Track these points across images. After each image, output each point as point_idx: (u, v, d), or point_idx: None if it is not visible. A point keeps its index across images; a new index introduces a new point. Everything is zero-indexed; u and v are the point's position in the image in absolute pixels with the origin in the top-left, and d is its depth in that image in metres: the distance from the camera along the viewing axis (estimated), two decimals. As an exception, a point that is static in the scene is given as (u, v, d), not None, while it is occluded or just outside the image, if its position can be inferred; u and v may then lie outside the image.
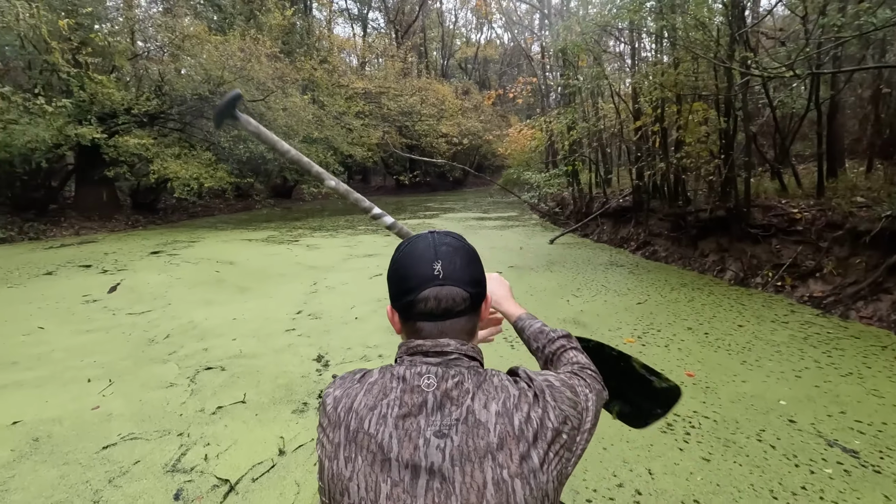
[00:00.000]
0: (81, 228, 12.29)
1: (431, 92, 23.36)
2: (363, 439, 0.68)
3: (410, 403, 0.69)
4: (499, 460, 0.65)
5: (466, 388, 0.70)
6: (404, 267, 0.76)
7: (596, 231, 9.80)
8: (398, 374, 0.72)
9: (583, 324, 4.53)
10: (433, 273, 0.73)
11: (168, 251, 9.11)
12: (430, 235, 0.79)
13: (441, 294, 0.73)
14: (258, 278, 6.67)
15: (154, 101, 12.58)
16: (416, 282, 0.73)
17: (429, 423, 0.68)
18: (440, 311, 0.73)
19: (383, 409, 0.69)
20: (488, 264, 5.53)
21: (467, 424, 0.67)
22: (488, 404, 0.69)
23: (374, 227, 12.95)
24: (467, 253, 0.78)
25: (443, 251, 0.75)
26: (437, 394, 0.69)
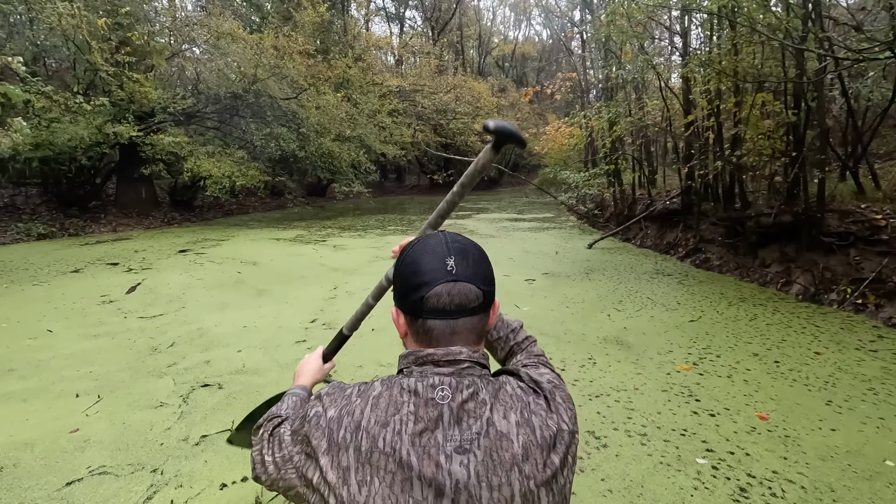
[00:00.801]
0: (119, 225, 12.53)
1: (466, 89, 22.89)
2: (379, 459, 0.64)
3: (426, 418, 0.66)
4: (525, 472, 0.64)
5: (483, 398, 0.68)
6: (416, 262, 0.74)
7: (639, 235, 9.08)
8: (409, 387, 0.69)
9: (627, 344, 3.96)
10: (446, 269, 0.71)
11: (196, 249, 9.04)
12: (440, 234, 0.78)
13: (454, 290, 0.71)
14: (278, 280, 6.40)
15: (190, 100, 12.69)
16: (429, 277, 0.71)
17: (447, 437, 0.65)
18: (453, 307, 0.71)
19: (397, 426, 0.65)
20: (520, 269, 4.82)
21: (489, 438, 0.65)
22: (507, 415, 0.67)
23: (403, 227, 12.62)
24: (479, 252, 0.77)
25: (455, 248, 0.74)
26: (452, 406, 0.66)
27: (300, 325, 4.55)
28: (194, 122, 14.56)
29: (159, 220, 13.72)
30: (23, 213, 12.83)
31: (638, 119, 6.55)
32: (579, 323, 4.54)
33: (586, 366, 3.54)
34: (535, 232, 11.14)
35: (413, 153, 24.74)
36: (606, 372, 3.43)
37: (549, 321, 4.58)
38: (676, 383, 3.23)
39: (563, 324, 4.49)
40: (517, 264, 7.32)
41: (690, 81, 6.86)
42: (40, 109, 10.29)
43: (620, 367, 3.51)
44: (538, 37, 45.66)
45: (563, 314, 4.81)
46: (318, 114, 14.26)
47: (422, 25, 33.49)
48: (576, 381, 3.26)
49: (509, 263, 7.39)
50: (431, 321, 0.72)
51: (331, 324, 4.56)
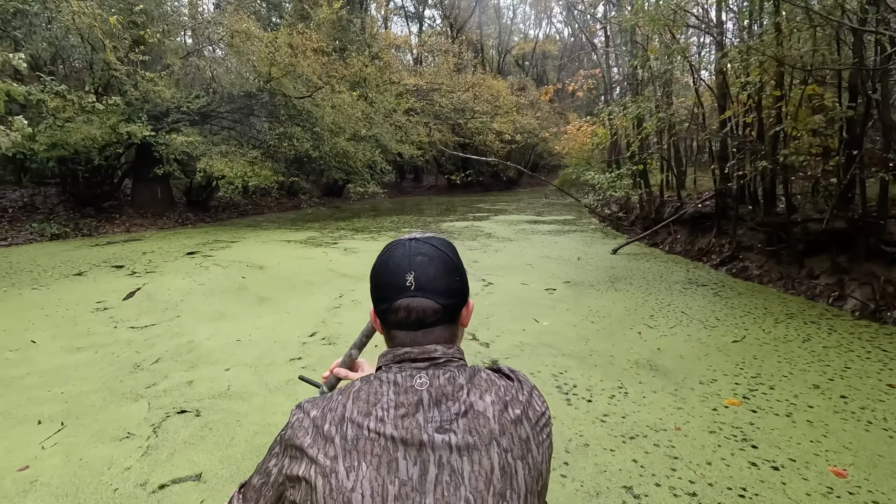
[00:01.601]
0: (132, 226, 12.45)
1: (485, 88, 22.39)
2: (364, 445, 0.65)
3: (407, 403, 0.68)
4: (503, 445, 0.66)
5: (459, 383, 0.70)
6: (380, 276, 0.76)
7: (667, 240, 8.50)
8: (388, 379, 0.71)
9: (662, 369, 3.47)
10: (405, 284, 0.72)
11: (204, 252, 8.80)
12: (407, 243, 0.76)
13: (412, 305, 0.72)
14: (282, 287, 6.05)
15: (204, 99, 12.53)
16: (390, 291, 0.73)
17: (427, 419, 0.67)
18: (411, 322, 0.73)
19: (379, 413, 0.67)
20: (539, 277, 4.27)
21: (468, 417, 0.67)
22: (483, 396, 0.69)
23: (421, 230, 12.22)
24: (444, 263, 0.75)
25: (417, 262, 0.73)
26: (431, 391, 0.69)
27: (298, 339, 4.17)
28: (209, 122, 14.45)
29: (173, 220, 13.62)
30: (41, 212, 12.85)
31: (669, 115, 5.99)
32: (606, 341, 4.05)
33: (617, 396, 3.07)
34: (556, 235, 10.62)
35: (430, 153, 24.38)
36: (641, 405, 2.95)
37: (572, 339, 4.10)
38: (726, 423, 2.73)
39: (587, 342, 4.01)
40: (536, 271, 6.84)
41: (727, 74, 6.28)
42: (54, 109, 10.23)
43: (657, 398, 3.03)
44: (559, 35, 44.92)
45: (588, 330, 4.33)
46: (334, 113, 13.98)
47: (441, 24, 33.13)
48: (606, 418, 2.80)
49: (527, 270, 6.91)
50: (395, 331, 0.75)
51: (331, 339, 4.18)
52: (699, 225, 7.91)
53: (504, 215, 15.66)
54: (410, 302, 0.72)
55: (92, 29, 10.47)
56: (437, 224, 12.97)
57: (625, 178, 7.60)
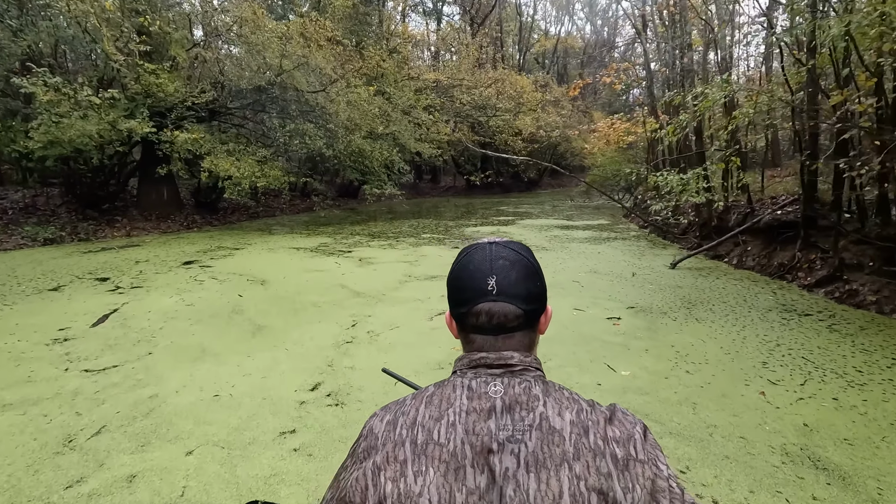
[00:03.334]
0: (134, 229, 11.61)
1: (509, 84, 21.22)
2: (433, 450, 0.64)
3: (479, 409, 0.66)
4: (576, 471, 0.61)
5: (535, 394, 0.66)
6: (460, 279, 0.73)
7: (734, 253, 7.27)
8: (462, 384, 0.69)
9: (833, 469, 2.31)
10: (487, 288, 0.70)
11: (203, 261, 7.84)
12: (487, 247, 0.74)
13: (494, 310, 0.70)
14: (284, 310, 5.02)
15: (210, 94, 11.65)
16: (470, 294, 0.71)
17: (500, 426, 0.64)
18: (492, 327, 0.70)
19: (451, 418, 0.66)
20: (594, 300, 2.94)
21: (541, 430, 0.63)
22: (562, 412, 0.65)
23: (440, 234, 11.15)
24: (525, 268, 0.72)
25: (499, 265, 0.71)
26: (505, 399, 0.66)
27: (295, 395, 3.11)
28: (217, 119, 13.59)
29: (179, 223, 12.77)
30: (42, 214, 12.08)
31: (778, 98, 4.76)
32: (723, 409, 2.90)
33: (784, 525, 1.93)
34: (595, 244, 9.44)
35: (449, 153, 23.30)
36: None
37: (672, 402, 2.97)
38: None
39: (695, 410, 2.87)
40: (588, 292, 5.69)
41: (831, 51, 5.06)
42: (48, 103, 9.42)
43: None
44: (580, 32, 43.60)
45: (688, 387, 3.18)
46: (349, 109, 12.99)
47: (460, 20, 32.06)
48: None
49: (577, 290, 5.77)
50: (473, 335, 0.72)
51: (339, 394, 3.11)
52: (776, 236, 6.67)
53: (531, 219, 14.49)
54: (492, 306, 0.69)
55: (88, 16, 9.64)
56: (460, 229, 11.88)
57: (698, 180, 6.34)
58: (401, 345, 4.01)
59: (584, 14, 43.52)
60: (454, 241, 10.02)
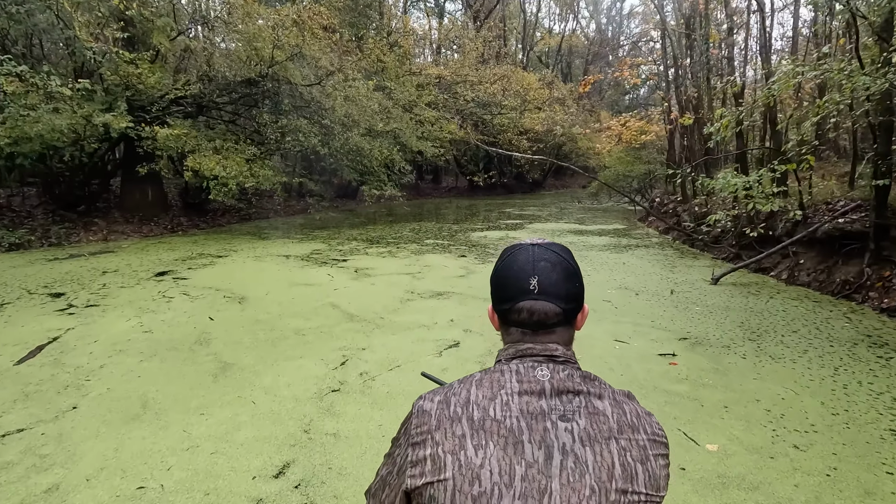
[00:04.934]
0: (112, 233, 10.70)
1: (515, 80, 20.29)
2: (491, 426, 0.67)
3: (530, 390, 0.69)
4: (622, 444, 0.67)
5: (577, 380, 0.71)
6: (505, 277, 0.77)
7: (783, 266, 6.37)
8: (511, 369, 0.72)
9: None
10: (529, 287, 0.74)
11: (179, 271, 6.95)
12: (530, 248, 0.78)
13: (535, 307, 0.74)
14: (259, 341, 4.12)
15: (196, 86, 10.74)
16: (514, 292, 0.75)
17: (551, 407, 0.68)
18: (532, 323, 0.75)
19: (504, 397, 0.69)
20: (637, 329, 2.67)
21: (588, 410, 0.69)
22: (602, 396, 0.71)
23: (444, 240, 10.25)
24: (565, 269, 0.77)
25: (541, 267, 0.75)
26: (553, 382, 0.70)
27: (251, 487, 2.20)
28: (205, 115, 12.69)
29: (163, 226, 11.86)
30: (15, 216, 11.17)
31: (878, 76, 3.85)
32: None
33: None
34: (617, 252, 8.54)
35: (452, 152, 22.38)
36: None
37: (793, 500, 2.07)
38: None
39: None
40: (626, 315, 4.79)
41: None
42: (13, 95, 8.52)
43: None
44: (584, 31, 42.75)
45: (805, 474, 2.28)
46: (347, 104, 12.09)
47: (462, 17, 31.14)
48: None
49: (612, 313, 4.87)
50: (515, 329, 0.76)
51: (310, 485, 2.20)
52: (837, 247, 5.77)
53: (539, 223, 13.59)
54: (533, 304, 0.74)
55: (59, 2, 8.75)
56: (466, 234, 10.97)
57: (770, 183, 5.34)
58: (402, 395, 3.11)
59: (589, 12, 42.65)
60: (460, 248, 9.12)
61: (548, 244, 0.79)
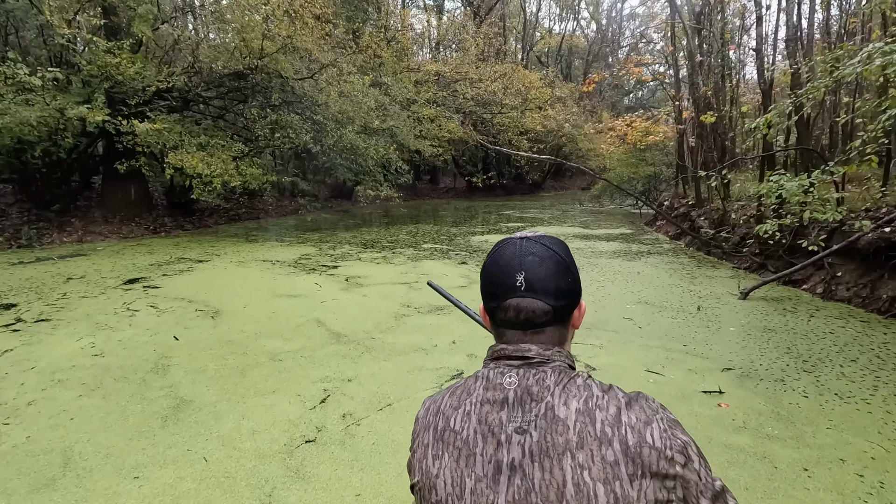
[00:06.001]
0: (88, 234, 10.02)
1: (516, 78, 19.70)
2: (449, 436, 0.67)
3: (493, 399, 0.67)
4: (578, 460, 0.61)
5: (547, 385, 0.66)
6: (491, 274, 0.72)
7: (817, 278, 5.78)
8: (482, 375, 0.71)
9: None
10: (515, 284, 0.69)
11: (152, 278, 6.31)
12: (518, 242, 0.72)
13: (522, 305, 0.69)
14: (227, 370, 3.49)
15: (181, 78, 10.10)
16: (500, 289, 0.70)
17: (510, 418, 0.65)
18: (520, 322, 0.70)
19: (467, 407, 0.68)
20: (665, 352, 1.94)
21: (546, 420, 0.63)
22: (568, 401, 0.64)
23: (442, 244, 9.64)
24: (555, 264, 0.70)
25: (528, 262, 0.70)
26: (517, 391, 0.66)
27: None
28: (192, 109, 12.04)
29: (144, 226, 11.19)
30: (-11, 214, 10.51)
31: None
32: None
33: None
34: (629, 260, 7.94)
35: (450, 152, 21.77)
36: None
37: None
38: None
39: None
40: (652, 337, 4.19)
41: None
42: (-23, 85, 7.88)
43: None
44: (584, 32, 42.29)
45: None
46: (341, 101, 11.46)
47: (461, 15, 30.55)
48: None
49: (636, 334, 4.26)
50: (503, 329, 0.72)
51: None
52: (881, 260, 5.19)
53: (543, 226, 12.99)
54: (520, 302, 0.69)
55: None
56: (466, 238, 10.36)
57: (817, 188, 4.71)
58: (390, 448, 2.49)
59: (589, 12, 42.14)
60: (460, 253, 8.51)
61: (537, 237, 0.73)
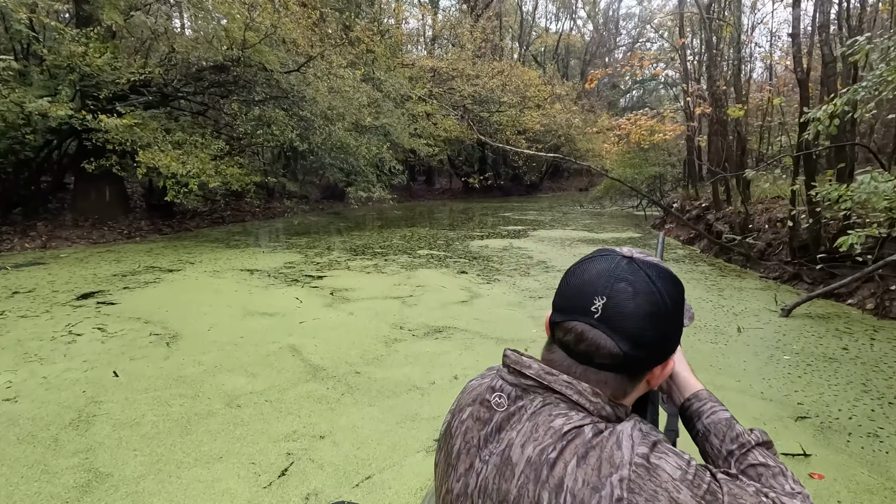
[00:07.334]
0: (54, 239, 9.21)
1: (515, 76, 19.02)
2: (446, 435, 0.66)
3: (481, 417, 0.62)
4: None
5: (521, 415, 0.59)
6: (568, 285, 0.62)
7: (867, 293, 5.10)
8: (489, 384, 0.65)
9: None
10: (590, 308, 0.58)
11: (109, 292, 5.55)
12: (616, 259, 0.60)
13: (586, 335, 0.58)
14: (166, 425, 2.75)
15: (157, 70, 9.31)
16: (570, 306, 0.60)
17: (486, 442, 0.60)
18: (577, 352, 0.59)
19: (464, 416, 0.64)
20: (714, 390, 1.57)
21: (501, 459, 0.57)
22: (525, 445, 0.56)
23: (439, 250, 8.91)
24: (652, 304, 0.57)
25: (618, 288, 0.57)
26: (502, 415, 0.60)
27: None
28: (170, 104, 11.25)
29: (118, 231, 10.38)
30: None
31: None
32: None
33: None
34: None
35: (446, 152, 21.05)
36: None
37: None
38: None
39: None
40: (695, 369, 3.48)
41: None
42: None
43: None
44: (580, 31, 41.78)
45: None
46: (330, 97, 10.70)
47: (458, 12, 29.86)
48: None
49: (675, 365, 3.56)
50: (557, 349, 0.62)
51: None
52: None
53: (544, 230, 12.30)
54: (586, 331, 0.58)
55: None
56: (464, 243, 9.63)
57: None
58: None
59: (586, 12, 41.59)
60: (459, 261, 7.78)
61: (645, 262, 0.60)
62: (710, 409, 0.71)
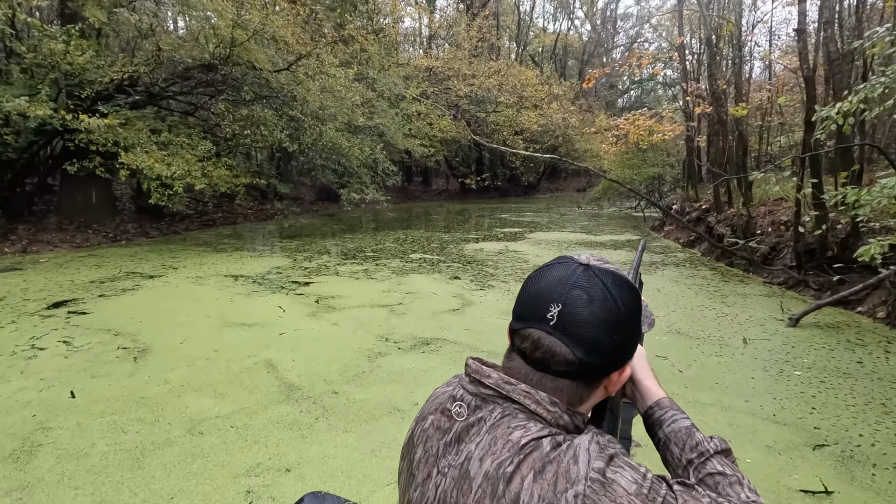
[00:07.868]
0: (35, 243, 8.93)
1: (512, 76, 18.78)
2: (408, 443, 0.65)
3: (441, 427, 0.61)
4: None
5: (482, 427, 0.58)
6: (527, 292, 0.62)
7: (879, 300, 4.86)
8: (451, 394, 0.64)
9: None
10: (546, 315, 0.58)
11: (83, 300, 5.28)
12: (573, 266, 0.60)
13: (542, 342, 0.58)
14: (117, 456, 2.49)
15: (141, 69, 9.04)
16: (527, 312, 0.60)
17: (445, 452, 0.59)
18: (533, 359, 0.59)
19: (426, 424, 0.63)
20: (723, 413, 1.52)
21: (460, 471, 0.57)
22: (483, 459, 0.55)
23: (433, 254, 8.65)
24: (606, 311, 0.57)
25: (574, 295, 0.57)
26: (459, 427, 0.60)
27: None
28: (157, 104, 10.97)
29: (103, 234, 10.10)
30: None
31: None
32: None
33: None
34: (644, 273, 6.98)
35: (442, 153, 20.81)
36: None
37: None
38: None
39: None
40: (699, 387, 3.23)
41: None
42: None
43: None
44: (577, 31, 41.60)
45: None
46: (322, 96, 10.44)
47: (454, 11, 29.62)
48: None
49: (678, 382, 3.30)
50: (516, 357, 0.61)
51: None
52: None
53: (541, 231, 12.05)
54: (542, 338, 0.58)
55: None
56: (458, 247, 9.38)
57: None
58: None
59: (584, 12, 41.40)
60: (452, 265, 7.53)
61: (602, 269, 0.59)
62: (671, 417, 0.70)
